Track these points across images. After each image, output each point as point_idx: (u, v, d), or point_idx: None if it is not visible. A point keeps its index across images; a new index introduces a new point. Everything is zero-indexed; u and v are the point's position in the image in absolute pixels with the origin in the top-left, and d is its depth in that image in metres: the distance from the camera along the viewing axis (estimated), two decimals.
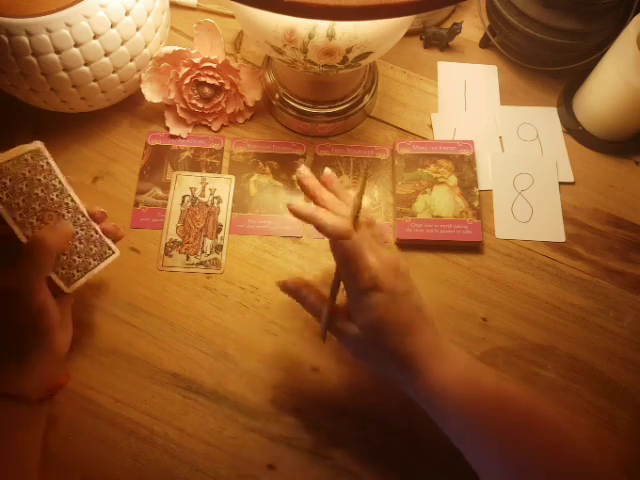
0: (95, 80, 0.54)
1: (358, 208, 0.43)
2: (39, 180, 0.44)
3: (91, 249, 0.47)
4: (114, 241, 0.49)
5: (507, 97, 0.67)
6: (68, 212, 0.45)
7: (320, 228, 0.41)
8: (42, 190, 0.44)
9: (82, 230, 0.46)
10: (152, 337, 0.52)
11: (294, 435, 0.49)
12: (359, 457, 0.48)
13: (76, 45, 0.51)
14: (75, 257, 0.46)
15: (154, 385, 0.50)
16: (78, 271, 0.46)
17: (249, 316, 0.54)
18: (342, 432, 0.49)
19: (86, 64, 0.52)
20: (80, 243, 0.46)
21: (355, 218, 0.42)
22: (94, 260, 0.47)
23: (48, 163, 0.45)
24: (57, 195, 0.45)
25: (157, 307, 0.54)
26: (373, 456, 0.48)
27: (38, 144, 0.45)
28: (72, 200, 0.46)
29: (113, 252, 0.49)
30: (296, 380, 0.51)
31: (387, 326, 0.41)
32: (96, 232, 0.47)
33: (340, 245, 0.41)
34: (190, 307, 0.54)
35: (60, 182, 0.45)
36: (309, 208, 0.42)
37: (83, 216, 0.46)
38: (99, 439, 0.48)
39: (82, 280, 0.46)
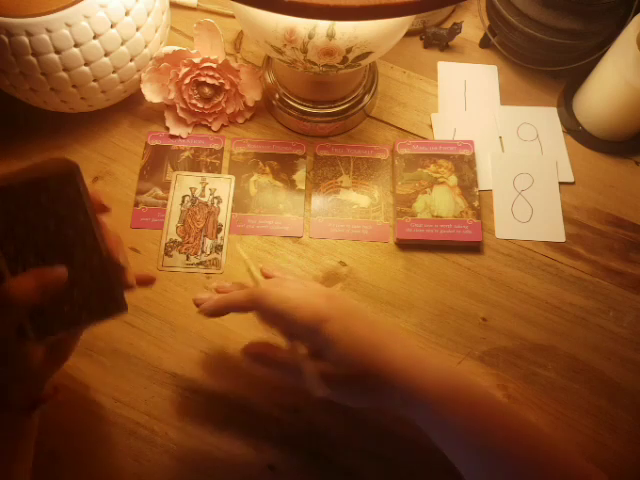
0: (95, 80, 0.54)
1: (253, 276, 0.45)
2: (56, 211, 0.35)
3: (90, 301, 0.37)
4: (132, 287, 0.40)
5: (507, 97, 0.67)
6: (82, 253, 0.37)
7: (228, 306, 0.43)
8: (56, 223, 0.36)
9: (91, 277, 0.37)
10: (152, 337, 0.52)
11: (294, 435, 0.49)
12: (359, 457, 0.48)
13: (76, 45, 0.51)
14: (65, 306, 0.36)
15: (154, 385, 0.50)
16: (61, 323, 0.36)
17: (249, 316, 0.53)
18: (342, 432, 0.49)
19: (86, 64, 0.52)
20: (80, 292, 0.37)
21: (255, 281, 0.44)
22: (88, 315, 0.37)
23: (78, 191, 0.36)
24: (74, 231, 0.36)
25: (157, 307, 0.54)
26: (373, 456, 0.48)
27: (70, 167, 0.36)
28: (93, 238, 0.37)
29: (119, 310, 0.38)
30: None
31: (355, 347, 0.39)
32: (108, 280, 0.38)
33: (259, 306, 0.41)
34: (190, 307, 0.53)
35: (85, 215, 0.36)
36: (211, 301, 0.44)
37: (99, 259, 0.37)
38: (99, 439, 0.48)
39: (59, 334, 0.37)
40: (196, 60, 0.58)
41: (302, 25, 0.46)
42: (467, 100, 0.66)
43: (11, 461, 0.40)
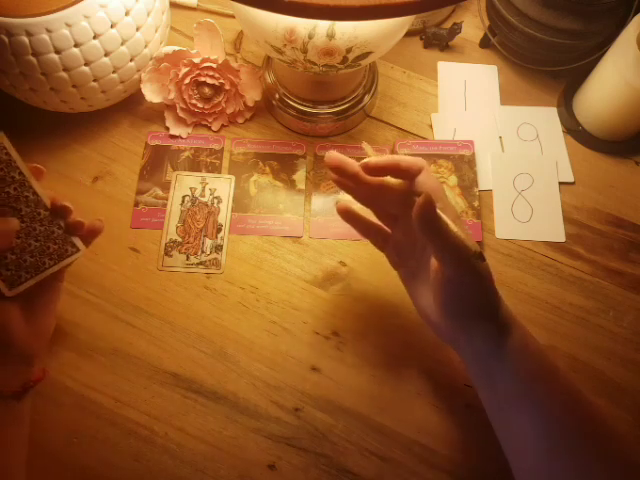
0: (95, 80, 0.54)
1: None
2: None
3: (49, 247, 0.43)
4: (89, 237, 0.45)
5: (507, 97, 0.67)
6: (27, 206, 0.42)
7: (396, 164, 0.41)
8: None
9: (42, 226, 0.42)
10: (152, 337, 0.52)
11: (294, 435, 0.49)
12: (359, 457, 0.48)
13: (76, 45, 0.51)
14: (27, 256, 0.42)
15: (154, 385, 0.50)
16: (27, 272, 0.42)
17: (249, 316, 0.54)
18: (342, 432, 0.49)
19: (86, 64, 0.52)
20: (36, 241, 0.42)
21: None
22: (50, 260, 0.43)
23: (7, 154, 0.41)
24: (15, 188, 0.41)
25: (157, 307, 0.54)
26: (373, 456, 0.48)
27: (2, 132, 0.41)
28: (34, 193, 0.42)
29: (77, 250, 0.44)
30: (296, 380, 0.51)
31: (492, 276, 0.40)
32: (60, 228, 0.43)
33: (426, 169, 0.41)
34: (190, 307, 0.54)
35: (21, 174, 0.41)
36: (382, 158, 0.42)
37: (46, 210, 0.42)
38: (99, 439, 0.48)
39: (30, 282, 0.42)
40: (196, 60, 0.58)
41: (302, 25, 0.46)
42: (467, 100, 0.66)
43: (5, 449, 0.40)
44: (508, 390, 0.40)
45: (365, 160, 0.42)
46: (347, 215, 0.47)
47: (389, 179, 0.44)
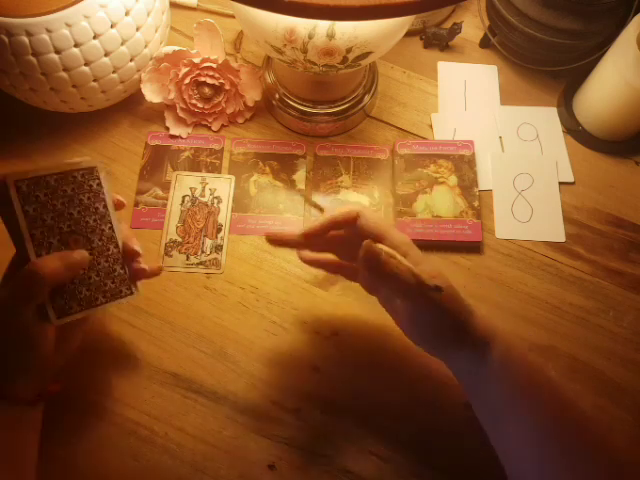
0: (95, 80, 0.54)
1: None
2: (80, 200, 0.41)
3: (106, 284, 0.42)
4: (142, 278, 0.45)
5: (507, 97, 0.67)
6: (100, 240, 0.42)
7: (333, 221, 0.44)
8: (79, 211, 0.41)
9: (107, 262, 0.42)
10: (152, 337, 0.52)
11: (294, 435, 0.49)
12: (359, 457, 0.48)
13: (76, 45, 0.51)
14: (83, 289, 0.41)
15: (154, 385, 0.50)
16: (79, 305, 0.41)
17: (249, 316, 0.54)
18: (342, 432, 0.49)
19: (86, 64, 0.52)
20: (97, 275, 0.42)
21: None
22: (103, 297, 0.42)
23: (99, 185, 0.42)
24: (95, 220, 0.41)
25: (157, 307, 0.54)
26: (373, 456, 0.48)
27: (94, 162, 0.42)
28: (110, 228, 0.42)
29: (130, 293, 0.44)
30: (296, 380, 0.51)
31: (457, 297, 0.41)
32: (122, 268, 0.43)
33: (363, 215, 0.43)
34: (190, 307, 0.54)
35: (105, 206, 0.42)
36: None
37: (115, 247, 0.43)
38: (99, 439, 0.48)
39: (79, 315, 0.41)
40: (196, 60, 0.58)
41: (302, 25, 0.46)
42: (467, 100, 0.66)
43: (18, 456, 0.41)
44: (495, 402, 0.41)
45: (303, 231, 0.44)
46: (312, 263, 0.49)
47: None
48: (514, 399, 0.40)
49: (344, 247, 0.46)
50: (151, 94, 0.60)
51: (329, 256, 0.48)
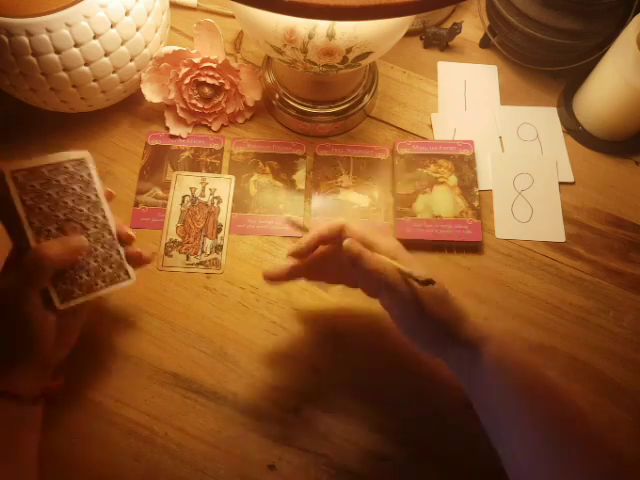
0: (95, 80, 0.54)
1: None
2: (73, 189, 0.42)
3: (104, 269, 0.44)
4: (137, 266, 0.47)
5: (507, 97, 0.67)
6: (95, 227, 0.43)
7: (318, 238, 0.44)
8: (73, 200, 0.42)
9: (103, 248, 0.44)
10: (152, 337, 0.52)
11: (294, 435, 0.49)
12: (359, 457, 0.48)
13: (76, 45, 0.51)
14: (83, 274, 0.43)
15: (154, 385, 0.50)
16: (80, 289, 0.42)
17: (249, 316, 0.54)
18: (342, 432, 0.49)
19: (86, 64, 0.52)
20: (95, 261, 0.43)
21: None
22: (102, 282, 0.44)
23: (90, 174, 0.43)
24: (88, 208, 0.43)
25: (157, 307, 0.54)
26: (373, 456, 0.48)
27: (84, 154, 0.43)
28: (103, 216, 0.44)
29: (128, 278, 0.46)
30: (296, 380, 0.51)
31: (448, 299, 0.42)
32: (118, 253, 0.45)
33: (348, 228, 0.43)
34: (190, 307, 0.54)
35: (97, 195, 0.44)
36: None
37: (110, 234, 0.44)
38: (99, 439, 0.48)
39: (80, 299, 0.42)
40: (196, 60, 0.58)
41: (302, 25, 0.46)
42: (467, 100, 0.66)
43: (20, 450, 0.41)
44: (493, 402, 0.41)
45: (289, 252, 0.45)
46: (313, 277, 0.49)
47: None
48: (510, 399, 0.40)
49: (337, 265, 0.46)
50: (151, 94, 0.60)
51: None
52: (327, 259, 0.47)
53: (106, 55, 0.53)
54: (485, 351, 0.41)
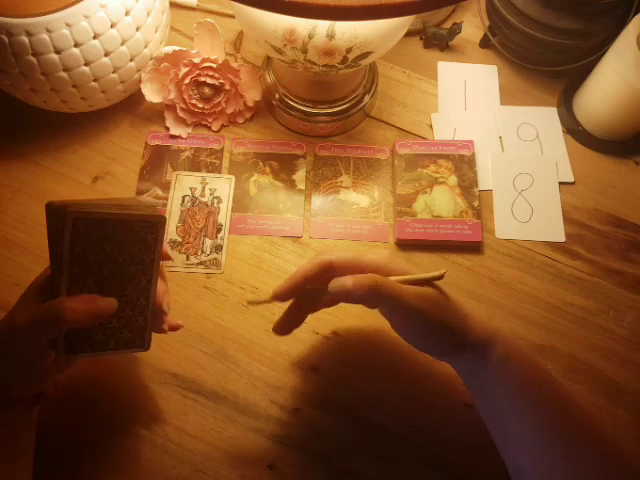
0: (95, 80, 0.54)
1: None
2: (130, 249, 0.38)
3: (122, 332, 0.40)
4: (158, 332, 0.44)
5: (507, 97, 0.67)
6: (134, 290, 0.40)
7: (304, 279, 0.42)
8: (124, 259, 0.38)
9: (131, 312, 0.40)
10: (152, 337, 0.52)
11: (294, 435, 0.49)
12: (359, 457, 0.48)
13: (76, 45, 0.51)
14: (99, 332, 0.39)
15: (154, 385, 0.50)
16: (90, 346, 0.39)
17: (249, 316, 0.54)
18: (342, 432, 0.49)
19: (86, 64, 0.52)
20: (117, 322, 0.40)
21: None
22: (116, 344, 0.40)
23: (155, 239, 0.39)
24: (137, 270, 0.39)
25: None
26: (373, 456, 0.48)
27: (158, 217, 0.39)
28: (148, 280, 0.40)
29: (142, 346, 0.42)
30: (296, 380, 0.51)
31: (449, 302, 0.42)
32: (144, 320, 0.41)
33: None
34: (190, 307, 0.54)
35: (152, 260, 0.40)
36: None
37: (145, 299, 0.41)
38: (98, 439, 0.48)
39: (86, 356, 0.40)
40: (196, 60, 0.58)
41: (302, 25, 0.46)
42: (467, 100, 0.66)
43: (14, 457, 0.40)
44: (498, 402, 0.41)
45: (272, 293, 0.43)
46: (315, 309, 0.48)
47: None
48: (515, 399, 0.40)
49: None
50: (151, 94, 0.60)
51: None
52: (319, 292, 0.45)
53: (106, 55, 0.53)
54: (493, 349, 0.41)
